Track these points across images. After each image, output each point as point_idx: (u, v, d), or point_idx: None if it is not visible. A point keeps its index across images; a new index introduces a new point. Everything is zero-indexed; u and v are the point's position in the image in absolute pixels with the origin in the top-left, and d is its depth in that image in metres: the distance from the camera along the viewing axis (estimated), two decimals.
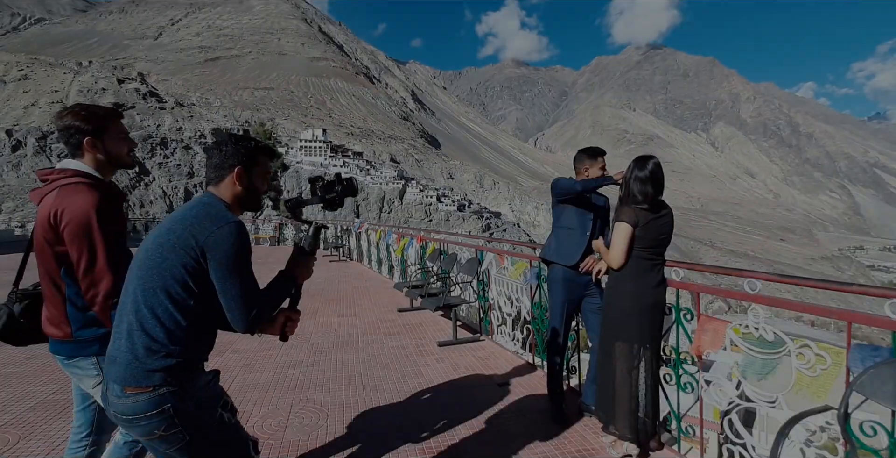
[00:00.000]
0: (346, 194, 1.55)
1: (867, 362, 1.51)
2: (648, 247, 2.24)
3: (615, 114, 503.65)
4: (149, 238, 1.30)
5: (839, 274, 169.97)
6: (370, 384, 3.37)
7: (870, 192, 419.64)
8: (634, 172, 2.27)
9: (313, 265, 1.53)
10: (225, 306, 1.27)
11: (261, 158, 1.43)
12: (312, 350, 4.18)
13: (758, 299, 1.94)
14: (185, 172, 69.85)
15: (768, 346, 1.89)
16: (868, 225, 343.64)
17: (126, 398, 1.20)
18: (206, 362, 1.40)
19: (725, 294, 2.13)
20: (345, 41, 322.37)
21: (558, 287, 2.74)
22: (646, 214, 2.22)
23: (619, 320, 2.27)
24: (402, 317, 5.41)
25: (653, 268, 2.25)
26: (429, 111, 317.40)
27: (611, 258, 2.28)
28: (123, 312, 1.27)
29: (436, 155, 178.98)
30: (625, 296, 2.25)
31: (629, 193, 2.27)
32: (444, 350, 4.14)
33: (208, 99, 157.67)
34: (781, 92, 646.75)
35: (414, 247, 6.56)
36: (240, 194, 1.40)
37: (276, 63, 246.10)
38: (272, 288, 1.39)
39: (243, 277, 1.28)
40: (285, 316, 1.46)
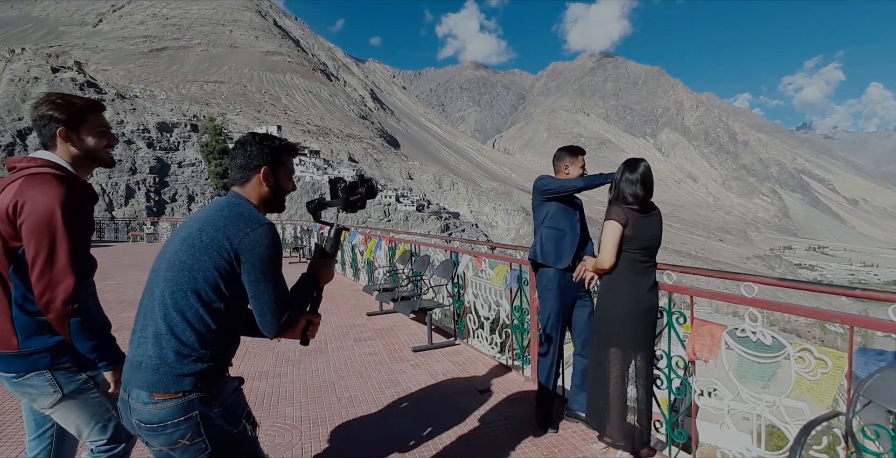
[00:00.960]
0: (368, 196, 1.52)
1: (871, 367, 1.47)
2: (641, 248, 2.20)
3: (570, 118, 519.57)
4: (174, 239, 1.27)
5: (770, 272, 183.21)
6: (345, 395, 3.18)
7: (797, 196, 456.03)
8: (625, 174, 2.25)
9: (334, 267, 1.52)
10: (257, 310, 1.25)
11: (286, 158, 1.41)
12: (279, 359, 3.91)
13: (755, 302, 1.91)
14: (126, 169, 65.29)
15: (766, 350, 1.85)
16: (796, 227, 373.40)
17: (154, 405, 1.17)
18: (231, 367, 1.36)
19: (721, 298, 2.10)
20: (301, 36, 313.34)
21: (552, 294, 2.65)
22: (635, 215, 2.20)
23: (614, 326, 2.21)
24: (372, 321, 5.21)
25: (646, 271, 2.21)
26: (388, 111, 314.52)
27: (602, 259, 2.23)
28: (149, 315, 1.23)
29: (395, 155, 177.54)
30: (620, 300, 2.20)
31: (619, 194, 2.25)
32: (419, 356, 4.00)
33: (153, 91, 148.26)
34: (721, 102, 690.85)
35: (382, 248, 6.35)
36: (266, 195, 1.38)
37: (227, 56, 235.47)
38: (298, 292, 1.37)
39: (276, 280, 1.26)
40: (307, 320, 1.42)
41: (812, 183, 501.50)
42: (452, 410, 2.92)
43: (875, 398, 1.33)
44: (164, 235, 18.36)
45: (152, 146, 75.64)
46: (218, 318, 1.23)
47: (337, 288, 7.36)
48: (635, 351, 2.17)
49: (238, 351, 4.35)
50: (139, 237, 18.54)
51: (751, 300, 1.92)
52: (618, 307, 2.21)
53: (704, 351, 2.06)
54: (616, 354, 2.19)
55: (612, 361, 2.20)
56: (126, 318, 5.24)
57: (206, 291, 1.20)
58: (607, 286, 2.30)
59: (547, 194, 2.70)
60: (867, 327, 1.56)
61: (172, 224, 18.90)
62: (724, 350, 2.01)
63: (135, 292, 6.88)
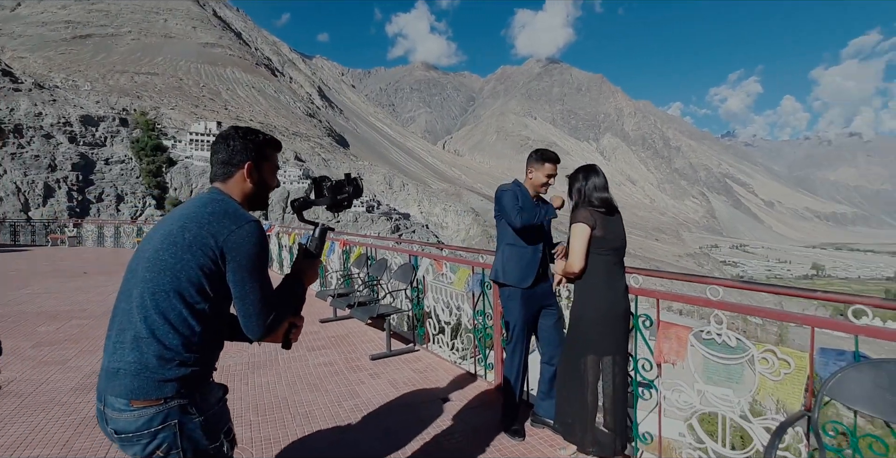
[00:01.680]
0: (356, 196, 1.48)
1: (832, 367, 1.53)
2: (612, 249, 2.19)
3: (518, 121, 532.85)
4: (154, 237, 1.21)
5: (700, 269, 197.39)
6: (299, 410, 2.96)
7: (722, 198, 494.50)
8: (592, 179, 2.25)
9: (319, 268, 1.48)
10: (242, 311, 1.21)
11: (270, 153, 1.36)
12: (224, 373, 3.60)
13: (720, 305, 1.95)
14: (44, 165, 59.27)
15: (731, 352, 1.89)
16: (721, 227, 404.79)
17: (131, 412, 1.11)
18: (214, 371, 1.30)
19: (687, 301, 2.11)
20: (243, 29, 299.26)
21: (516, 305, 2.56)
22: (602, 216, 2.20)
23: (591, 332, 2.18)
24: (325, 328, 4.96)
25: (619, 273, 2.21)
26: (336, 109, 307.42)
27: (571, 262, 2.19)
28: (127, 319, 1.16)
29: (344, 154, 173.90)
30: (596, 305, 2.17)
31: (586, 199, 2.24)
32: (377, 364, 3.83)
33: (76, 81, 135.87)
34: (656, 109, 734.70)
35: (336, 252, 6.09)
36: (250, 192, 1.33)
37: (161, 46, 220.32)
38: (283, 293, 1.32)
39: (263, 280, 1.21)
40: (289, 322, 1.37)
41: (735, 186, 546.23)
42: (416, 421, 2.80)
43: (837, 397, 1.36)
44: (90, 238, 16.77)
45: (75, 141, 69.10)
46: (202, 320, 1.18)
47: None
48: (612, 357, 2.14)
49: None
50: (60, 241, 16.81)
51: (716, 303, 1.96)
52: (594, 312, 2.18)
53: (672, 354, 2.07)
54: (592, 360, 2.16)
55: (589, 367, 2.17)
56: (45, 333, 4.66)
57: (189, 291, 1.14)
58: (582, 290, 2.26)
59: (495, 212, 2.63)
60: (826, 328, 1.62)
61: (99, 226, 17.31)
62: (690, 352, 2.03)
63: (55, 303, 6.16)
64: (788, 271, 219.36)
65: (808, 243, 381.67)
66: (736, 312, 1.96)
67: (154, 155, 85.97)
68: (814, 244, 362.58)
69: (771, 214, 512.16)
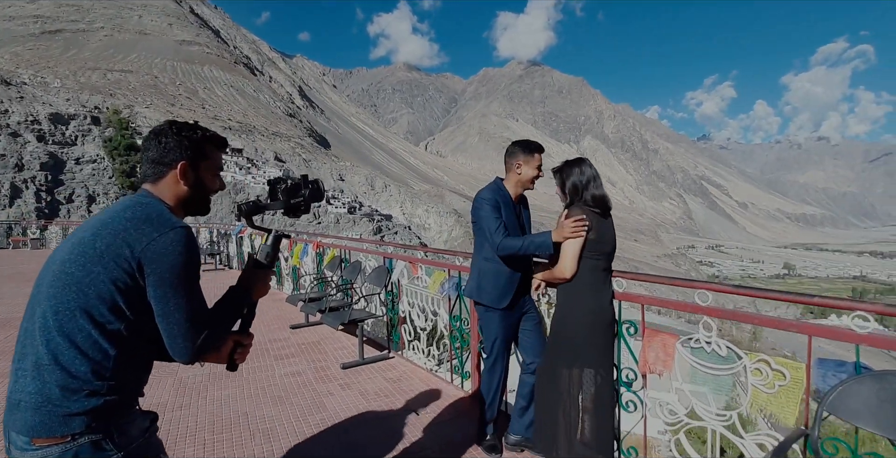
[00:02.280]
0: (313, 199, 1.38)
1: (831, 379, 1.43)
2: (604, 254, 2.03)
3: (500, 123, 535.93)
4: (63, 248, 1.05)
5: (677, 269, 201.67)
6: (260, 427, 2.74)
7: (698, 200, 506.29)
8: (588, 174, 2.06)
9: (271, 279, 1.34)
10: (165, 331, 1.05)
11: (211, 151, 1.21)
12: (180, 387, 3.35)
13: (710, 311, 1.81)
14: (11, 165, 56.78)
15: (721, 361, 1.76)
16: (697, 228, 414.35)
17: (33, 452, 0.96)
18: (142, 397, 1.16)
19: (674, 306, 2.00)
20: (222, 26, 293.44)
21: (494, 323, 2.35)
22: (597, 218, 2.02)
23: (576, 343, 2.01)
24: (295, 335, 4.72)
25: (607, 279, 2.06)
26: (318, 109, 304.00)
27: (563, 267, 2.00)
28: (28, 342, 1.01)
29: (325, 155, 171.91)
30: (583, 314, 2.00)
31: (580, 196, 2.05)
32: (349, 374, 3.62)
33: (45, 78, 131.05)
34: (635, 113, 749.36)
35: (309, 254, 5.84)
36: (184, 195, 1.18)
37: (135, 43, 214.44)
38: (223, 308, 1.18)
39: (190, 295, 1.06)
40: (234, 341, 1.23)
41: (710, 188, 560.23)
42: (385, 435, 2.61)
43: (838, 412, 1.27)
44: (54, 240, 16.03)
45: (44, 140, 66.56)
46: (117, 342, 1.02)
47: None
48: (596, 368, 1.99)
49: None
50: (21, 243, 16.01)
51: (705, 309, 1.82)
52: (580, 322, 2.01)
53: (658, 363, 1.94)
54: (575, 372, 2.00)
55: (571, 380, 2.00)
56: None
57: (99, 309, 0.99)
58: (567, 297, 2.07)
59: (473, 226, 2.38)
60: (825, 337, 1.50)
61: (64, 228, 16.58)
62: (678, 362, 1.91)
63: (6, 309, 5.75)
64: (761, 270, 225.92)
65: (779, 243, 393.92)
66: (727, 318, 1.84)
67: (128, 155, 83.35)
68: (785, 244, 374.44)
69: (744, 216, 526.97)
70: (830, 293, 66.17)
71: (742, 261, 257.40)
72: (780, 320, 1.65)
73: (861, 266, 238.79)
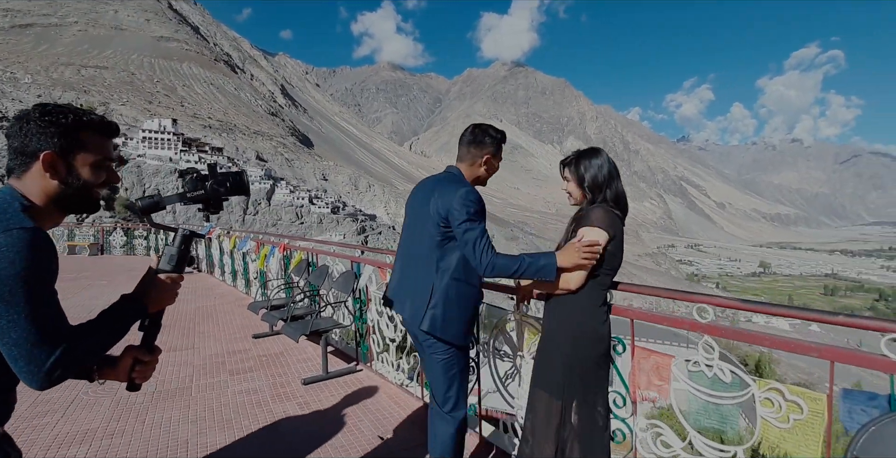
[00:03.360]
0: (230, 193, 1.21)
1: (859, 414, 1.19)
2: (615, 268, 1.68)
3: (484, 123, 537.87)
4: None
5: (658, 267, 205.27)
6: (201, 455, 2.39)
7: (678, 200, 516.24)
8: (608, 166, 1.70)
9: (179, 288, 1.15)
10: (5, 353, 0.87)
11: (87, 138, 1.01)
12: (118, 408, 2.97)
13: (711, 329, 1.52)
14: None
15: (724, 388, 1.50)
16: (677, 227, 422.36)
17: None
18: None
19: (669, 323, 1.69)
20: (201, 23, 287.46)
21: (460, 355, 1.95)
22: (621, 228, 1.66)
23: (570, 370, 1.67)
24: (257, 346, 4.35)
25: (605, 297, 1.73)
26: (300, 108, 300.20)
27: (570, 277, 1.63)
28: None
29: (308, 155, 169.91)
30: (580, 337, 1.66)
31: (606, 192, 1.69)
32: (310, 390, 3.29)
33: (15, 74, 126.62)
34: (616, 114, 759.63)
35: (276, 257, 5.47)
36: (55, 191, 0.99)
37: (111, 38, 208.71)
38: (99, 321, 0.99)
39: (32, 308, 0.87)
40: (133, 357, 1.09)
41: (689, 189, 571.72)
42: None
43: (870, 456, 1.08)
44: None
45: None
46: None
47: (223, 304, 6.29)
48: (593, 399, 1.67)
49: (60, 401, 3.19)
50: None
51: (705, 326, 1.53)
52: (576, 346, 1.68)
53: (650, 388, 1.68)
54: (563, 406, 1.68)
55: (561, 411, 1.68)
56: None
57: None
58: (560, 314, 1.73)
59: (438, 230, 1.79)
60: (851, 364, 1.29)
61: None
62: (673, 387, 1.63)
63: None
64: (738, 269, 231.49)
65: (755, 242, 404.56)
66: (733, 339, 1.53)
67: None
68: (761, 243, 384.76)
69: (722, 215, 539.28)
70: (804, 291, 67.10)
71: (720, 260, 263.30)
72: (798, 341, 1.38)
73: (832, 264, 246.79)
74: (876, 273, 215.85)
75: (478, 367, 2.48)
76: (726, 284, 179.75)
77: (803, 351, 1.35)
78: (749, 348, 27.29)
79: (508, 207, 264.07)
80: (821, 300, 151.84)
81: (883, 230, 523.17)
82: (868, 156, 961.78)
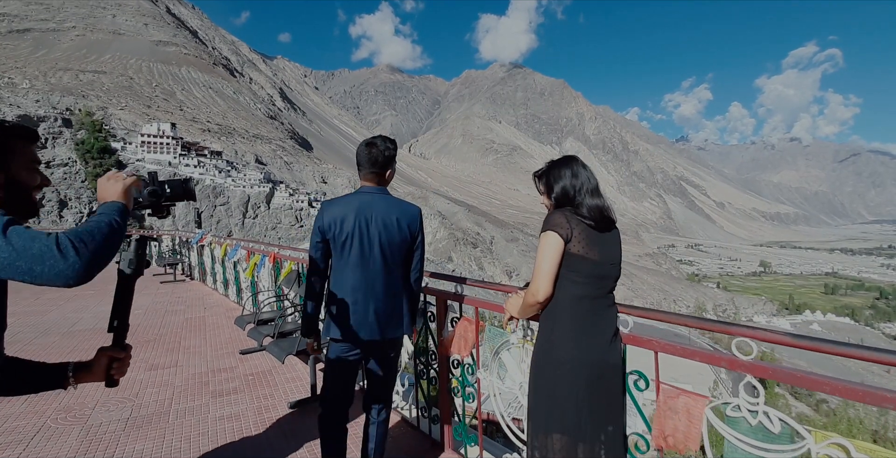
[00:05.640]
0: (172, 199, 1.26)
1: None
2: (594, 277, 1.49)
3: (483, 125, 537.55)
4: None
5: (658, 268, 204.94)
6: None
7: (677, 200, 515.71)
8: (582, 177, 1.57)
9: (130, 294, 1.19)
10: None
11: (16, 145, 1.05)
12: (87, 437, 2.73)
13: (756, 368, 1.26)
14: None
15: (772, 439, 1.22)
16: (677, 227, 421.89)
17: None
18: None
19: (703, 358, 1.42)
20: (199, 27, 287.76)
21: None
22: (584, 228, 1.50)
23: (557, 397, 1.49)
24: (245, 363, 4.11)
25: (604, 311, 1.53)
26: (299, 111, 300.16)
27: (534, 289, 1.50)
28: None
29: (307, 157, 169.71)
30: (566, 357, 1.48)
31: (569, 201, 1.57)
32: (297, 416, 3.05)
33: (13, 79, 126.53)
34: (615, 114, 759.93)
35: (266, 267, 5.23)
36: None
37: (109, 43, 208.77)
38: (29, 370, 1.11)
39: None
40: (108, 356, 1.16)
41: (689, 189, 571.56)
42: None
43: None
44: None
45: None
46: None
47: (213, 315, 6.05)
48: (594, 438, 1.47)
49: (25, 430, 3.01)
50: None
51: (748, 365, 1.28)
52: (562, 367, 1.48)
53: (678, 436, 1.40)
54: (566, 442, 1.46)
55: (558, 451, 1.47)
56: None
57: None
58: (546, 335, 1.55)
59: (406, 244, 2.06)
60: None
61: None
62: (707, 435, 1.36)
63: None
64: (739, 268, 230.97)
65: (755, 241, 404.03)
66: (786, 382, 1.23)
67: (101, 158, 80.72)
68: (761, 243, 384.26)
69: (722, 215, 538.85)
70: (805, 290, 64.78)
71: (720, 259, 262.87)
72: (875, 389, 1.07)
73: (833, 263, 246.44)
74: (876, 271, 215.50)
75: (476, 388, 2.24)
76: (727, 283, 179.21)
77: (880, 402, 1.05)
78: None
79: (508, 209, 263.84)
80: (822, 299, 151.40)
81: (882, 228, 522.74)
82: (867, 154, 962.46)
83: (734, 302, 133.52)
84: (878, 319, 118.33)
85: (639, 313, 1.65)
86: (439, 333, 2.60)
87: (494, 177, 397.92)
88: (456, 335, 2.39)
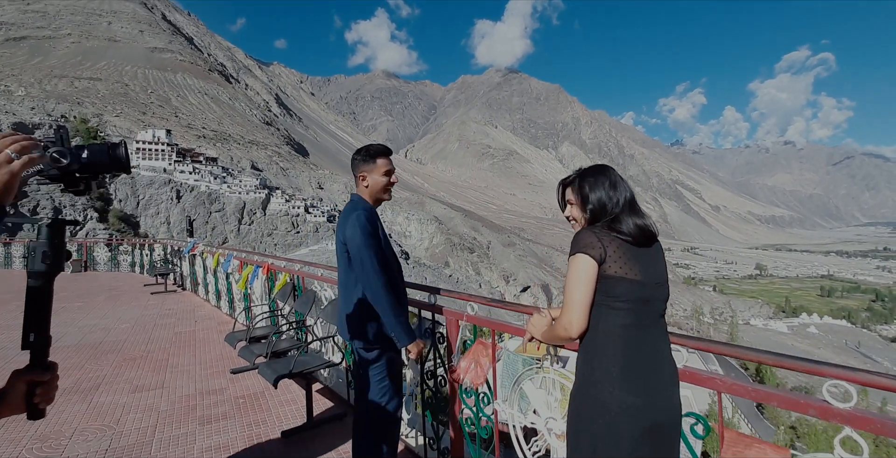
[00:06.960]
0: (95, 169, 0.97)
1: None
2: (638, 300, 1.24)
3: (479, 130, 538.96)
4: None
5: None
6: None
7: (673, 203, 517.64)
8: (621, 190, 1.34)
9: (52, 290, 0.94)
10: None
11: None
12: None
13: (856, 419, 1.03)
14: None
15: None
16: (673, 230, 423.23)
17: None
18: None
19: (783, 403, 1.16)
20: (195, 34, 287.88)
21: None
22: (621, 243, 1.27)
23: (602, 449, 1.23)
24: (235, 384, 3.84)
25: (661, 343, 1.27)
26: (295, 117, 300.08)
27: (565, 322, 1.26)
28: None
29: (303, 163, 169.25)
30: (618, 406, 1.20)
31: (604, 219, 1.33)
32: (291, 446, 2.79)
33: (8, 86, 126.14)
34: (611, 119, 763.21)
35: (259, 279, 4.97)
36: None
37: (104, 50, 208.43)
38: None
39: None
40: (26, 382, 0.93)
41: (684, 192, 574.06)
42: None
43: None
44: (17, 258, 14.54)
45: None
46: None
47: (204, 328, 5.77)
48: None
49: None
50: None
51: (847, 415, 1.04)
52: (609, 416, 1.21)
53: None
54: None
55: None
56: None
57: None
58: (587, 375, 1.28)
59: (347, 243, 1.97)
60: None
61: (25, 246, 15.14)
62: None
63: None
64: (735, 271, 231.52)
65: (751, 244, 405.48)
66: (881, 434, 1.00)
67: None
68: (756, 246, 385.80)
69: (717, 218, 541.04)
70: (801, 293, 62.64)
71: (716, 263, 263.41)
72: None
73: (828, 266, 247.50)
74: (872, 274, 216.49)
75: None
76: (723, 286, 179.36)
77: None
78: None
79: (504, 213, 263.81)
80: (818, 302, 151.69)
81: (877, 231, 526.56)
82: (860, 157, 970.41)
83: (731, 305, 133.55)
84: (875, 321, 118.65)
85: (694, 345, 1.37)
86: (448, 357, 2.36)
87: (491, 182, 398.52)
88: (468, 360, 2.15)
